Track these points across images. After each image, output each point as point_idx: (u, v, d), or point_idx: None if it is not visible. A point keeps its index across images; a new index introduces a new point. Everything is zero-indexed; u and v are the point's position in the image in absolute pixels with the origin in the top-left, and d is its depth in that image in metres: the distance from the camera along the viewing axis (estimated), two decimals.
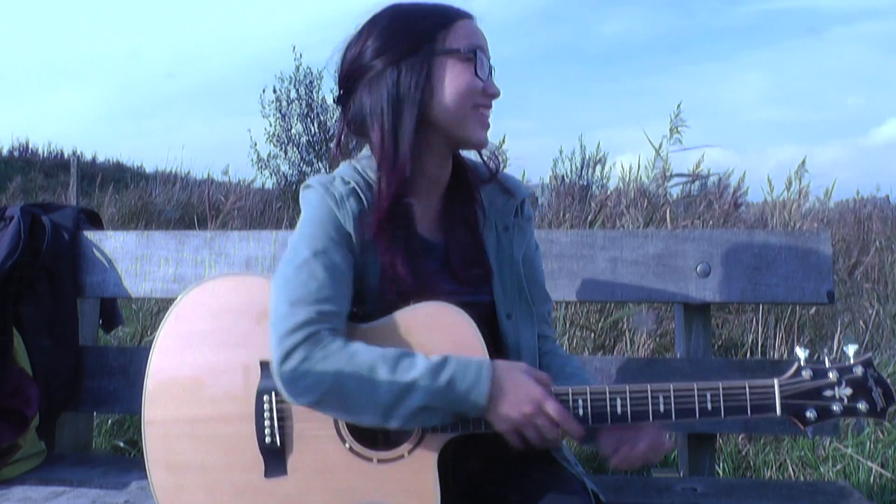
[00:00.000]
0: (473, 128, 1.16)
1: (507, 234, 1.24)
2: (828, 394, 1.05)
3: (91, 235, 1.76)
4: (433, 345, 1.08)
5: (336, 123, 1.34)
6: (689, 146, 3.94)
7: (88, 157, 14.55)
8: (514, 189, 1.27)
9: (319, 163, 10.29)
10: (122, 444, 2.55)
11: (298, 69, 10.44)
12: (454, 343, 1.09)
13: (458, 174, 1.24)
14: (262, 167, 10.60)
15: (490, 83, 1.17)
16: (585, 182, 7.42)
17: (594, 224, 3.78)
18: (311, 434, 1.12)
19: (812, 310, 3.23)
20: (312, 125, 10.52)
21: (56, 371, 1.66)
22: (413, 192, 1.18)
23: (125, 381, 1.71)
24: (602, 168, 7.48)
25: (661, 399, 1.05)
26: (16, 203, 1.81)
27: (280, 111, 10.59)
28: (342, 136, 1.25)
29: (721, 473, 2.41)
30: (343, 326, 1.09)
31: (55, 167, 13.48)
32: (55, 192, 9.51)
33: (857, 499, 1.39)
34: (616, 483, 1.52)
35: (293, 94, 10.54)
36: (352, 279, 1.13)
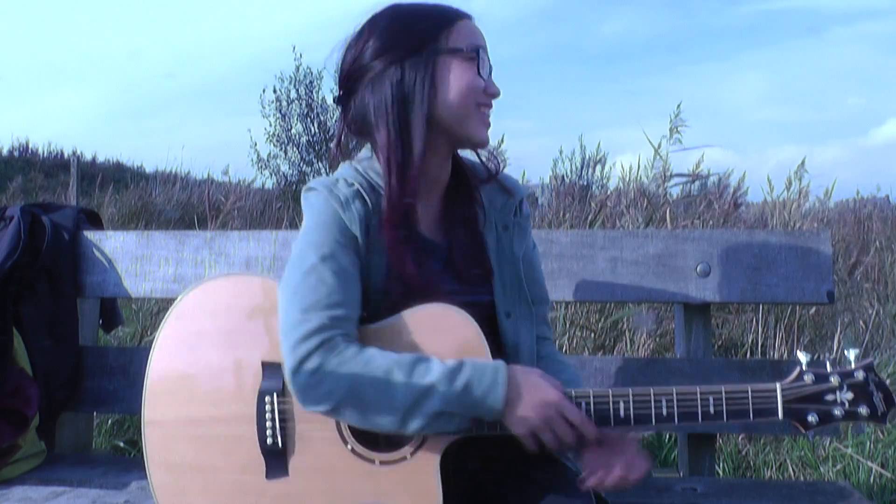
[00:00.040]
0: (476, 126, 1.16)
1: (507, 234, 1.24)
2: (829, 398, 1.05)
3: (91, 235, 1.76)
4: (437, 347, 1.08)
5: (336, 123, 1.33)
6: (689, 146, 3.94)
7: (88, 157, 14.58)
8: (513, 189, 1.27)
9: (319, 163, 10.29)
10: (122, 444, 2.56)
11: (298, 69, 10.45)
12: (458, 345, 1.08)
13: (457, 174, 1.24)
14: (262, 167, 10.61)
15: (491, 83, 1.18)
16: (585, 182, 7.42)
17: (594, 224, 3.78)
18: (313, 435, 1.11)
19: (812, 310, 3.23)
20: (312, 125, 10.52)
21: (56, 371, 1.66)
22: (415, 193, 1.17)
23: (125, 381, 1.71)
24: (602, 168, 7.50)
25: (664, 402, 1.05)
26: (16, 203, 1.81)
27: (280, 111, 10.58)
28: (342, 137, 1.25)
29: (721, 473, 2.41)
30: (355, 331, 1.08)
31: (55, 167, 13.48)
32: (55, 192, 9.51)
33: (857, 499, 1.39)
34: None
35: (293, 94, 10.53)
36: (360, 282, 1.12)
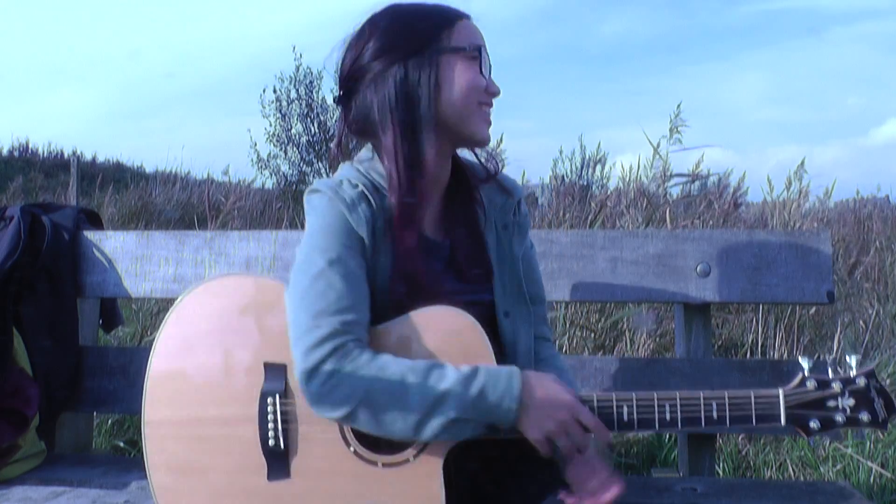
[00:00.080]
0: (478, 124, 1.17)
1: (507, 234, 1.24)
2: (831, 404, 1.05)
3: (91, 235, 1.76)
4: (441, 349, 1.08)
5: (336, 124, 1.33)
6: (689, 146, 3.95)
7: (88, 157, 14.57)
8: (512, 189, 1.27)
9: (319, 163, 10.28)
10: (122, 444, 2.55)
11: (298, 69, 10.43)
12: (462, 348, 1.08)
13: (457, 174, 1.24)
14: (262, 167, 10.60)
15: (491, 81, 1.18)
16: (585, 182, 7.42)
17: (594, 224, 3.78)
18: (315, 437, 1.11)
19: (812, 310, 3.23)
20: (312, 125, 10.51)
21: (56, 371, 1.66)
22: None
23: (125, 381, 1.71)
24: (602, 168, 7.49)
25: (668, 407, 1.05)
26: (16, 203, 1.81)
27: (280, 111, 10.57)
28: (342, 137, 1.25)
29: (721, 473, 2.41)
30: (366, 335, 1.07)
31: (55, 167, 13.47)
32: (55, 192, 9.50)
33: (857, 499, 1.39)
34: None
35: (293, 94, 10.52)
36: (367, 284, 1.11)
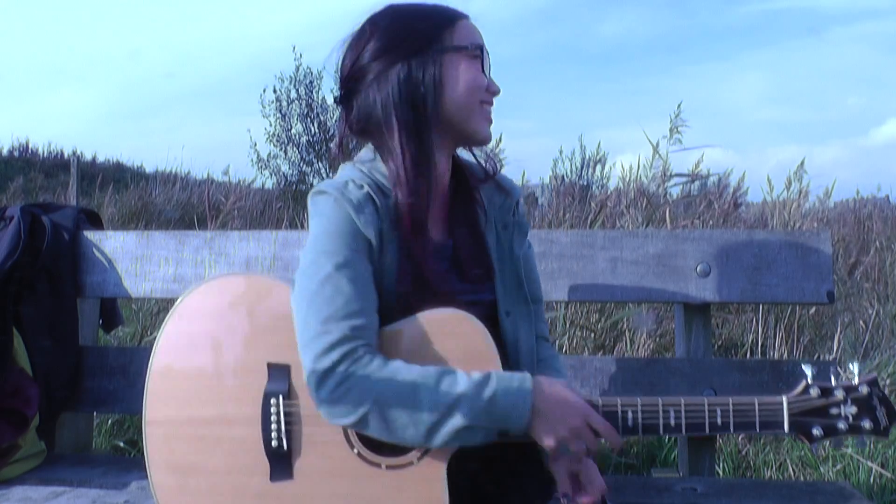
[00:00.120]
0: (480, 123, 1.17)
1: (507, 233, 1.24)
2: (834, 412, 1.05)
3: (91, 235, 1.76)
4: (447, 352, 1.07)
5: (335, 124, 1.33)
6: (689, 146, 3.95)
7: (88, 157, 14.57)
8: (510, 188, 1.28)
9: (319, 163, 10.28)
10: (122, 444, 2.55)
11: (298, 69, 10.43)
12: (468, 351, 1.08)
13: (457, 174, 1.25)
14: (262, 167, 10.59)
15: (492, 80, 1.19)
16: (585, 182, 7.41)
17: (594, 224, 3.78)
18: (319, 439, 1.10)
19: (812, 310, 3.23)
20: (312, 125, 10.50)
21: (56, 371, 1.66)
22: None
23: (125, 381, 1.71)
24: (602, 168, 7.48)
25: (672, 413, 1.06)
26: (16, 203, 1.81)
27: (280, 111, 10.56)
28: (344, 138, 1.25)
29: (721, 473, 2.41)
30: (375, 339, 1.07)
31: (55, 167, 13.48)
32: (55, 192, 9.50)
33: (857, 499, 1.39)
34: (616, 483, 1.52)
35: (293, 94, 10.51)
36: (374, 287, 1.10)
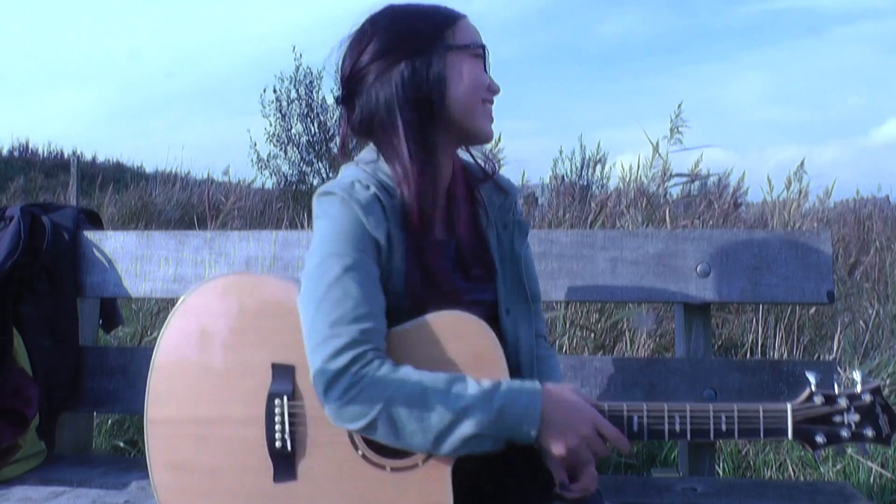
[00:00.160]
0: (483, 121, 1.17)
1: (507, 232, 1.24)
2: (837, 419, 1.06)
3: (91, 235, 1.76)
4: (454, 354, 1.07)
5: (336, 124, 1.33)
6: (690, 146, 3.95)
7: (88, 157, 14.58)
8: (509, 188, 1.28)
9: (319, 163, 10.28)
10: (122, 444, 2.55)
11: (298, 69, 10.43)
12: (474, 354, 1.07)
13: (457, 173, 1.25)
14: (262, 167, 10.60)
15: (492, 79, 1.19)
16: (585, 182, 7.41)
17: (594, 224, 3.78)
18: (323, 440, 1.10)
19: (812, 310, 3.23)
20: (312, 125, 10.50)
21: (56, 371, 1.66)
22: None
23: (125, 381, 1.71)
24: (602, 168, 7.47)
25: (678, 418, 1.06)
26: (16, 203, 1.81)
27: (280, 111, 10.57)
28: (346, 139, 1.24)
29: (721, 473, 2.41)
30: (384, 343, 1.06)
31: (55, 167, 13.48)
32: (55, 192, 9.51)
33: (858, 499, 1.39)
34: (616, 483, 1.52)
35: (293, 94, 10.52)
36: (382, 290, 1.09)
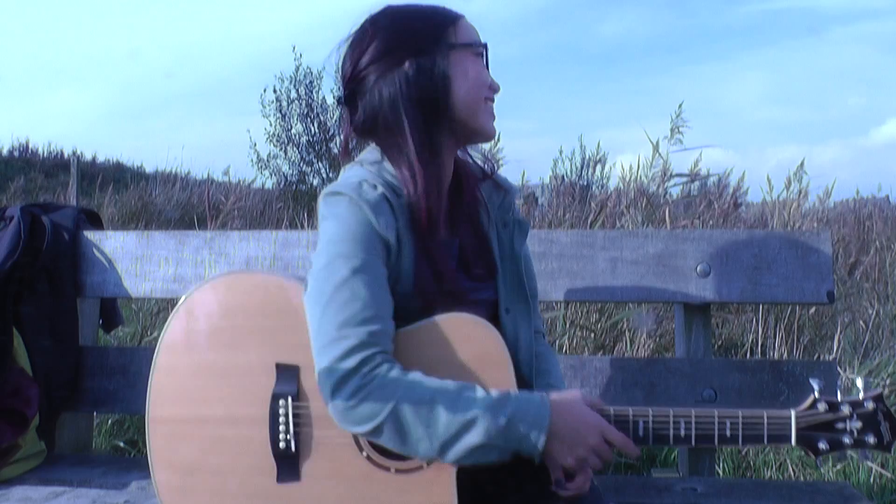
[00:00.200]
0: (486, 119, 1.18)
1: (507, 231, 1.25)
2: (840, 426, 1.06)
3: (91, 235, 1.76)
4: (460, 357, 1.07)
5: (336, 124, 1.33)
6: (690, 146, 3.95)
7: (88, 157, 14.58)
8: (507, 187, 1.28)
9: (319, 163, 10.27)
10: (122, 444, 2.56)
11: (298, 69, 10.42)
12: (481, 357, 1.07)
13: (458, 173, 1.25)
14: (262, 167, 10.60)
15: (492, 78, 1.19)
16: (585, 182, 7.40)
17: (594, 224, 3.78)
18: (328, 441, 1.10)
19: (812, 310, 3.23)
20: (312, 125, 10.49)
21: (56, 371, 1.66)
22: None
23: (125, 381, 1.71)
24: (602, 168, 7.47)
25: (683, 423, 1.06)
26: (16, 203, 1.81)
27: (280, 111, 10.56)
28: (349, 139, 1.24)
29: (721, 473, 2.41)
30: (391, 345, 1.05)
31: (55, 167, 13.48)
32: (55, 192, 9.50)
33: (858, 499, 1.40)
34: (616, 483, 1.52)
35: (293, 94, 10.51)
36: (390, 291, 1.09)
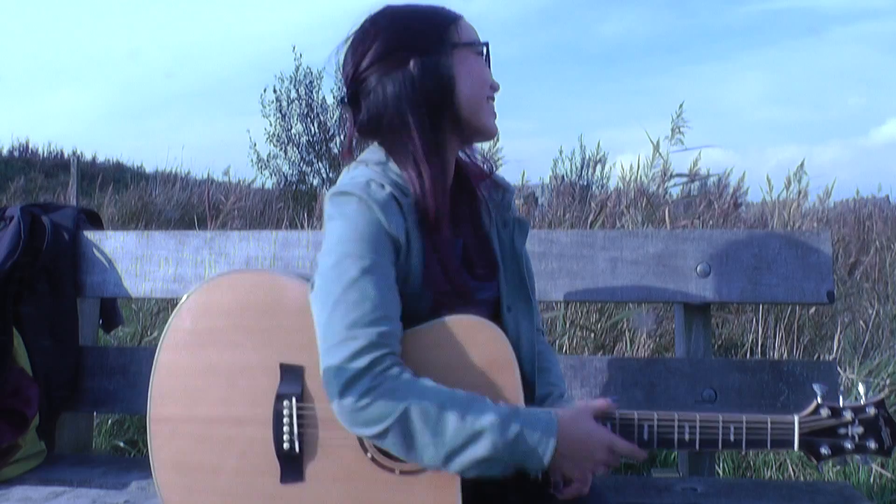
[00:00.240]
0: (488, 117, 1.18)
1: (507, 230, 1.25)
2: (842, 432, 1.07)
3: (91, 235, 1.77)
4: (468, 360, 1.07)
5: (336, 124, 1.33)
6: (690, 146, 3.95)
7: (88, 157, 14.57)
8: (506, 187, 1.29)
9: (319, 163, 10.28)
10: (122, 444, 2.56)
11: (298, 69, 10.45)
12: (488, 361, 1.07)
13: (458, 172, 1.25)
14: (262, 167, 10.62)
15: (492, 77, 1.20)
16: (585, 182, 7.41)
17: (594, 224, 3.78)
18: (332, 442, 1.09)
19: (812, 310, 3.22)
20: (312, 125, 10.50)
21: (56, 371, 1.66)
22: None
23: (125, 381, 1.71)
24: (602, 168, 7.48)
25: (687, 428, 1.07)
26: (16, 203, 1.81)
27: (280, 111, 10.57)
28: (353, 140, 1.23)
29: (721, 473, 2.41)
30: (400, 347, 1.05)
31: (55, 167, 13.48)
32: (55, 192, 9.50)
33: (858, 499, 1.39)
34: (616, 483, 1.52)
35: (293, 94, 10.52)
36: (398, 292, 1.08)
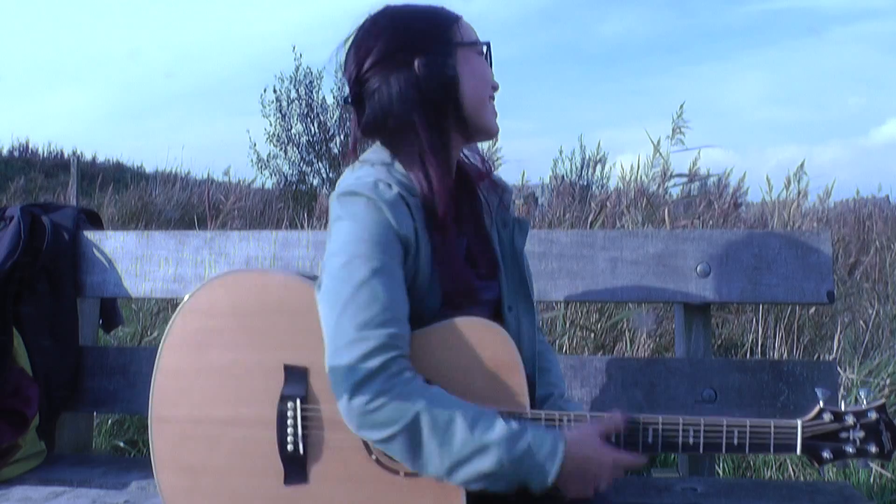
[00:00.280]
0: (490, 116, 1.19)
1: (507, 230, 1.25)
2: (843, 436, 1.08)
3: (91, 235, 1.76)
4: (474, 363, 1.06)
5: (336, 124, 1.33)
6: (690, 146, 3.95)
7: (88, 157, 14.57)
8: (504, 186, 1.29)
9: (319, 163, 10.29)
10: (122, 444, 2.56)
11: (298, 69, 10.45)
12: (495, 364, 1.07)
13: (459, 172, 1.25)
14: (262, 167, 10.62)
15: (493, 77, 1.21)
16: (585, 182, 7.42)
17: (594, 224, 3.78)
18: (337, 444, 1.09)
19: (812, 310, 3.22)
20: (312, 125, 10.50)
21: (56, 371, 1.66)
22: None
23: (125, 381, 1.71)
24: (602, 168, 7.49)
25: (692, 432, 1.07)
26: (16, 203, 1.81)
27: (280, 111, 10.58)
28: (357, 140, 1.23)
29: (721, 473, 2.41)
30: (409, 349, 1.05)
31: (55, 167, 13.48)
32: (55, 192, 9.50)
33: (858, 499, 1.39)
34: (616, 483, 1.51)
35: (293, 94, 10.53)
36: (406, 294, 1.08)
